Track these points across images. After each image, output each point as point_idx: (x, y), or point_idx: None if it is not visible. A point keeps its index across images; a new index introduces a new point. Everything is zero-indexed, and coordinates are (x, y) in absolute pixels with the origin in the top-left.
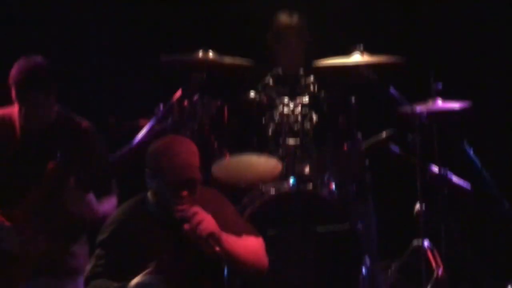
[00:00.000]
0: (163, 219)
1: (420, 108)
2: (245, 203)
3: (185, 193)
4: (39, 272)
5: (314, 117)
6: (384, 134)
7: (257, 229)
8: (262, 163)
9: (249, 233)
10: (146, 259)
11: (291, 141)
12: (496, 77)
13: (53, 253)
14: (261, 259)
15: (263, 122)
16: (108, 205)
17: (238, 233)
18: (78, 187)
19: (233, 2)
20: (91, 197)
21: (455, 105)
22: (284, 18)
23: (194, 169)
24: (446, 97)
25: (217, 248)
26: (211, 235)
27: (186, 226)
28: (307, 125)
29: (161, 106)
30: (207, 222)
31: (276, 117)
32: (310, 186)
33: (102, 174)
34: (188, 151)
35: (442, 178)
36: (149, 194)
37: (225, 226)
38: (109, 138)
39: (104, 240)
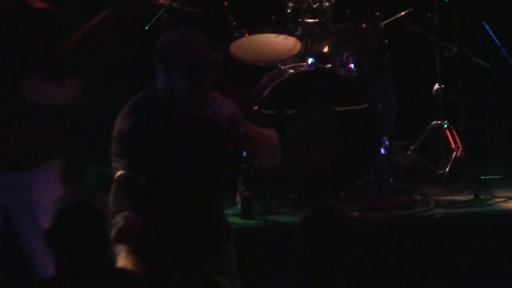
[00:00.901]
0: (175, 114)
1: None
2: (264, 82)
3: (204, 84)
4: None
5: None
6: (402, 12)
7: (277, 107)
8: (281, 42)
9: (264, 123)
10: (158, 156)
11: (309, 20)
12: None
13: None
14: (277, 149)
15: (282, 0)
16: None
17: (255, 121)
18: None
19: None
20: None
21: None
22: None
23: (208, 58)
24: None
25: (242, 129)
26: (233, 116)
27: (208, 112)
28: (326, 2)
29: None
30: (228, 104)
31: None
32: (328, 65)
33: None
34: (200, 41)
35: (461, 57)
36: (159, 88)
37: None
38: None
39: (121, 132)
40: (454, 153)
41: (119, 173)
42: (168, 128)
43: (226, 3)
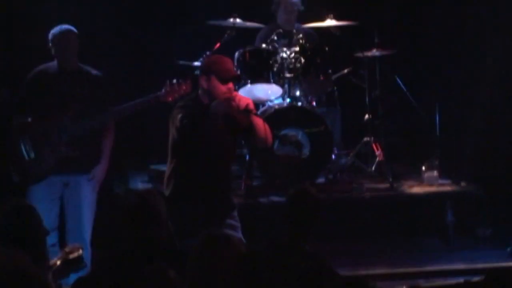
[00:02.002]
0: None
1: (367, 53)
2: (259, 114)
3: (231, 85)
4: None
5: (302, 59)
6: (345, 70)
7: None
8: (269, 88)
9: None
10: (197, 135)
11: (288, 75)
12: (416, 31)
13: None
14: (269, 133)
15: (271, 62)
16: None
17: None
18: None
19: None
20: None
21: (388, 51)
22: None
23: (235, 72)
24: (383, 47)
25: (253, 113)
26: (248, 105)
27: (234, 103)
28: (298, 64)
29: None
30: (245, 99)
31: (279, 60)
32: (299, 103)
33: None
34: (231, 61)
35: (381, 97)
36: (200, 93)
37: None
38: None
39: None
40: (378, 157)
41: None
42: (205, 117)
43: (235, 64)
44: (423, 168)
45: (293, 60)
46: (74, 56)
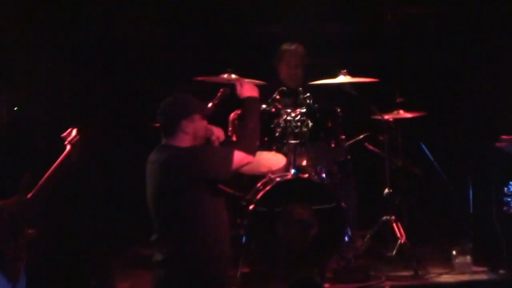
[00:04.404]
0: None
1: (388, 116)
2: (259, 187)
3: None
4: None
5: (310, 123)
6: (361, 135)
7: (268, 206)
8: (271, 157)
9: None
10: None
11: (293, 141)
12: (445, 94)
13: None
14: (256, 136)
15: (272, 126)
16: None
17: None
18: None
19: (251, 35)
20: None
21: (413, 114)
22: (286, 45)
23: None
24: (407, 108)
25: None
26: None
27: (214, 137)
28: (305, 128)
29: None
30: (218, 130)
31: (282, 122)
32: (306, 174)
33: None
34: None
35: (404, 169)
36: (171, 142)
37: None
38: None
39: None
40: (399, 240)
41: None
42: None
43: (230, 128)
44: (454, 252)
45: (299, 124)
46: None
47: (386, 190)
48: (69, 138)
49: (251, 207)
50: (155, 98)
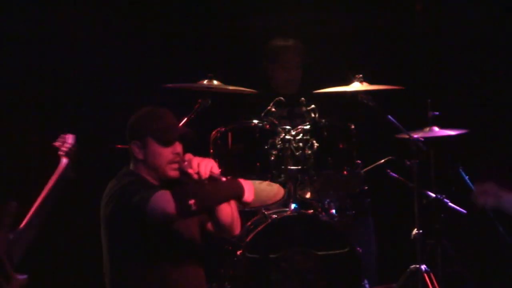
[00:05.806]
0: (157, 183)
1: (417, 135)
2: (249, 227)
3: (178, 147)
4: None
5: (315, 143)
6: (382, 160)
7: (260, 252)
8: (265, 188)
9: None
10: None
11: (292, 167)
12: (490, 105)
13: None
14: (237, 215)
15: (266, 147)
16: None
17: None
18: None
19: (239, 34)
20: None
21: (451, 132)
22: (278, 40)
23: (181, 127)
24: (443, 124)
25: (223, 179)
26: (212, 172)
27: (190, 170)
28: (308, 151)
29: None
30: (206, 161)
31: (278, 143)
32: (311, 210)
33: None
34: (170, 113)
35: (438, 203)
36: (131, 167)
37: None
38: None
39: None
40: None
41: None
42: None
43: (211, 150)
44: None
45: (300, 144)
46: None
47: (415, 231)
48: (65, 149)
49: (238, 252)
50: (116, 111)
